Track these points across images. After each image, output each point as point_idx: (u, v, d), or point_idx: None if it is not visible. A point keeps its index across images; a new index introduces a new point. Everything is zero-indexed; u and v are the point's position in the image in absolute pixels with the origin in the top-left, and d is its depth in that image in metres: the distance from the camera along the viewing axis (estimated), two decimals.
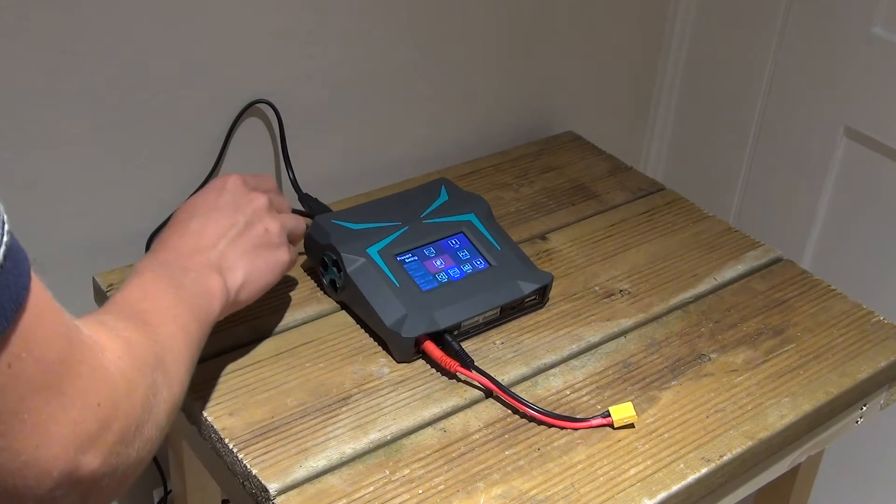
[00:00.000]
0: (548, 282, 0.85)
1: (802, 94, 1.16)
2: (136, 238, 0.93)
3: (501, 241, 0.87)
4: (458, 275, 0.83)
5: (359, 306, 0.82)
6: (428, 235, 0.85)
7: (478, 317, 0.81)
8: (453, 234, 0.86)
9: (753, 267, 0.94)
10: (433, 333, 0.78)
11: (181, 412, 0.75)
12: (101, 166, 0.89)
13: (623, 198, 1.04)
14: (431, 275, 0.82)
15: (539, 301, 0.86)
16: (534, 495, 0.68)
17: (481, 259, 0.85)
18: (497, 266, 0.85)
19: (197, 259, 0.69)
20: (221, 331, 0.78)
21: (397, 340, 0.78)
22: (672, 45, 1.28)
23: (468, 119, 1.13)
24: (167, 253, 0.70)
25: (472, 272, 0.84)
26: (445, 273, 0.83)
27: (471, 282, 0.83)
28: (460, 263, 0.84)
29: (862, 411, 0.86)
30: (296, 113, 0.97)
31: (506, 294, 0.83)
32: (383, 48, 1.01)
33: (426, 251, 0.84)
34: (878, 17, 1.06)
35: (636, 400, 0.77)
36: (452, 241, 0.86)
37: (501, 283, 0.83)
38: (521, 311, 0.85)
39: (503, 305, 0.82)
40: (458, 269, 0.84)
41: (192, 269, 0.68)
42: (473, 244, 0.86)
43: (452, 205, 0.89)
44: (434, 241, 0.85)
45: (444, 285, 0.82)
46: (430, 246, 0.85)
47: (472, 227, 0.87)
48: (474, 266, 0.84)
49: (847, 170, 1.15)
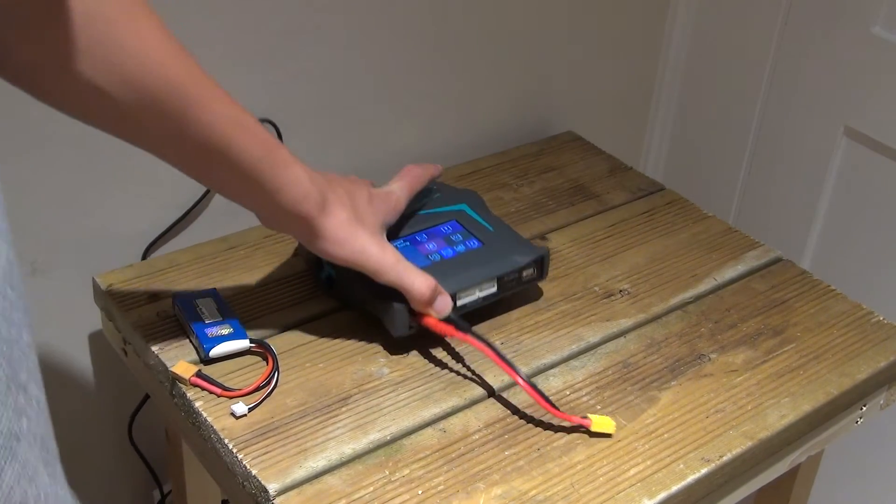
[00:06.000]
0: (543, 254, 0.84)
1: (802, 94, 1.16)
2: (137, 238, 0.93)
3: (495, 225, 0.87)
4: (451, 254, 0.83)
5: (353, 292, 0.81)
6: (419, 224, 0.85)
7: (474, 289, 0.80)
8: (445, 221, 0.86)
9: (753, 267, 0.94)
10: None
11: (181, 412, 0.75)
12: (102, 166, 0.89)
13: (623, 198, 1.04)
14: (424, 255, 0.82)
15: (538, 275, 0.85)
16: (534, 495, 0.68)
17: (474, 240, 0.85)
18: (490, 244, 0.84)
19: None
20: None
21: (391, 312, 0.76)
22: (672, 45, 1.28)
23: (468, 119, 1.13)
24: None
25: (465, 251, 0.83)
26: (438, 253, 0.83)
27: (464, 258, 0.82)
28: (453, 245, 0.84)
29: (862, 411, 0.86)
30: (295, 126, 0.97)
31: (501, 266, 0.82)
32: (383, 48, 1.01)
33: (418, 237, 0.84)
34: (878, 17, 1.06)
35: (636, 400, 0.77)
36: (444, 227, 0.86)
37: (496, 257, 0.82)
38: (520, 284, 0.83)
39: (499, 276, 0.81)
40: (450, 250, 0.83)
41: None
42: (466, 228, 0.86)
43: (445, 199, 0.90)
44: (426, 229, 0.85)
45: (438, 263, 0.81)
46: (423, 233, 0.85)
47: (465, 215, 0.87)
48: (467, 246, 0.84)
49: (847, 170, 1.15)
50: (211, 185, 0.71)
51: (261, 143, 0.66)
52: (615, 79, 1.25)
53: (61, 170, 0.87)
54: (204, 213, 0.97)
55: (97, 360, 0.97)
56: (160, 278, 0.86)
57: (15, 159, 0.84)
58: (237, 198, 0.70)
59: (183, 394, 0.74)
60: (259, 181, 0.67)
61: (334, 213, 0.71)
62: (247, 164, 0.66)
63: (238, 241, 0.91)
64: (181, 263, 0.88)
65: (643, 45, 1.26)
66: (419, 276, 0.74)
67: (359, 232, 0.73)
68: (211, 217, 0.98)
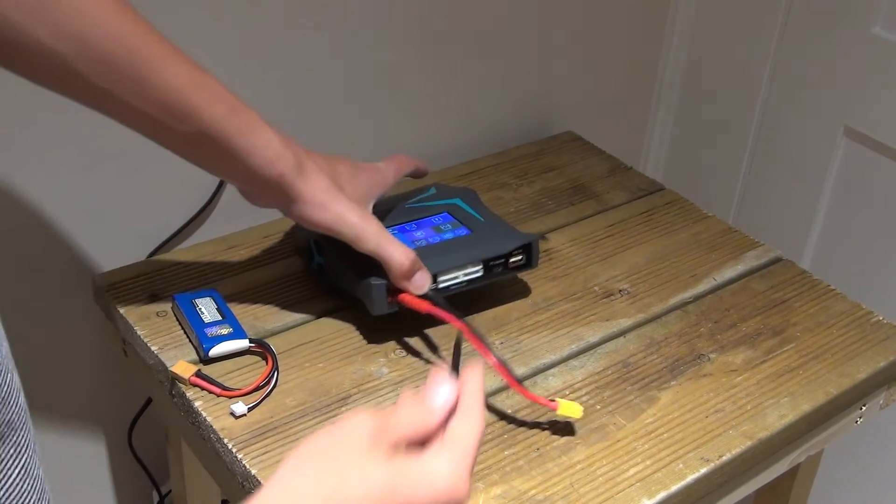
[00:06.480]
0: (532, 240, 0.83)
1: (802, 94, 1.16)
2: (137, 238, 0.93)
3: (486, 216, 0.86)
4: (438, 240, 0.83)
5: (339, 274, 0.81)
6: (410, 215, 0.86)
7: (457, 272, 0.79)
8: (437, 213, 0.86)
9: (753, 267, 0.94)
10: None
11: (180, 412, 0.76)
12: (102, 166, 0.89)
13: (623, 198, 1.04)
14: (410, 242, 0.82)
15: (526, 262, 0.83)
16: (533, 495, 0.68)
17: (464, 228, 0.84)
18: (479, 232, 0.84)
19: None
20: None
21: (369, 290, 0.76)
22: (672, 45, 1.28)
23: (468, 119, 1.13)
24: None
25: (453, 238, 0.83)
26: (425, 240, 0.82)
27: (451, 243, 0.82)
28: (441, 233, 0.84)
29: (861, 411, 0.86)
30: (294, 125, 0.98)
31: (487, 250, 0.81)
32: (382, 48, 1.01)
33: (407, 226, 0.84)
34: (878, 17, 1.06)
35: (635, 400, 0.77)
36: (435, 218, 0.86)
37: (483, 242, 0.82)
38: (507, 270, 0.82)
39: (484, 259, 0.80)
40: (438, 237, 0.83)
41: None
42: (457, 218, 0.86)
43: (439, 195, 0.90)
44: (416, 220, 0.85)
45: (423, 247, 0.81)
46: (413, 223, 0.85)
47: (457, 207, 0.87)
48: (456, 234, 0.84)
49: (847, 170, 1.15)
50: (182, 153, 0.70)
51: (223, 102, 0.66)
52: (615, 79, 1.25)
53: (61, 170, 0.87)
54: (204, 214, 0.97)
55: (97, 360, 0.97)
56: (160, 278, 0.86)
57: (15, 159, 0.84)
58: (211, 166, 0.70)
59: (182, 393, 0.74)
60: (228, 143, 0.67)
61: (312, 179, 0.71)
62: (211, 124, 0.65)
63: (238, 241, 0.92)
64: (181, 263, 0.88)
65: (643, 45, 1.26)
66: (399, 247, 0.73)
67: (339, 198, 0.72)
68: (213, 218, 0.98)
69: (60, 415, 0.98)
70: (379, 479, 0.45)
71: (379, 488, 0.45)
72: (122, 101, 0.63)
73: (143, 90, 0.63)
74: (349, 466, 0.45)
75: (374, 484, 0.45)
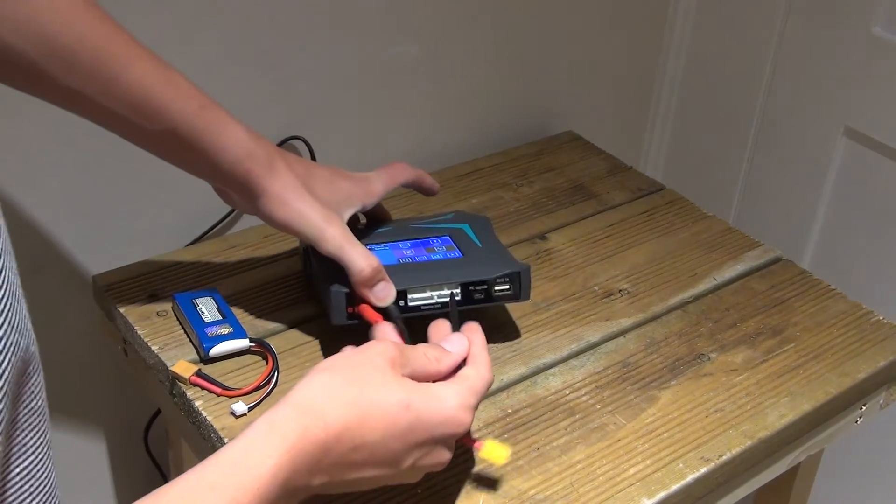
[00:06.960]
0: (520, 269, 0.77)
1: (802, 94, 1.16)
2: (137, 238, 0.93)
3: (487, 243, 0.81)
4: (425, 260, 0.78)
5: (316, 283, 0.79)
6: (410, 234, 0.82)
7: (431, 291, 0.74)
8: (438, 235, 0.82)
9: (753, 267, 0.94)
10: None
11: (181, 411, 0.76)
12: (102, 166, 0.89)
13: (623, 198, 1.04)
14: (395, 258, 0.78)
15: (515, 293, 0.77)
16: (533, 495, 0.68)
17: (457, 251, 0.80)
18: (470, 257, 0.79)
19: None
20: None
21: (330, 296, 0.72)
22: (672, 45, 1.28)
23: (468, 119, 1.13)
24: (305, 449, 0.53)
25: (441, 259, 0.79)
26: (412, 259, 0.78)
27: (435, 264, 0.78)
28: (431, 253, 0.80)
29: (861, 411, 0.86)
30: (294, 126, 0.98)
31: (468, 274, 0.75)
32: (383, 48, 1.01)
33: (401, 244, 0.80)
34: (878, 17, 1.06)
35: (635, 399, 0.77)
36: (434, 240, 0.82)
37: (469, 266, 0.77)
38: (490, 299, 0.76)
39: (463, 283, 0.75)
40: (426, 257, 0.79)
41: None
42: (455, 242, 0.81)
43: (452, 220, 0.86)
44: (413, 239, 0.81)
45: (404, 265, 0.77)
46: (408, 241, 0.81)
47: (461, 233, 0.83)
48: (447, 256, 0.79)
49: (847, 170, 1.15)
50: (157, 151, 0.70)
51: (192, 99, 0.66)
52: (615, 79, 1.25)
53: (61, 170, 0.87)
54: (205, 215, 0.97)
55: (97, 359, 0.97)
56: (160, 278, 0.86)
57: (15, 159, 0.84)
58: (184, 163, 0.70)
59: (183, 393, 0.74)
60: (197, 140, 0.67)
61: (281, 176, 0.70)
62: (181, 122, 0.66)
63: (238, 241, 0.92)
64: (181, 263, 0.88)
65: (643, 45, 1.26)
66: (363, 253, 0.70)
67: (303, 196, 0.70)
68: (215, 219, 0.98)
69: (60, 415, 0.98)
70: (396, 395, 0.55)
71: (395, 402, 0.55)
72: (92, 100, 0.64)
73: (111, 89, 0.63)
74: (370, 381, 0.55)
75: (391, 398, 0.55)
